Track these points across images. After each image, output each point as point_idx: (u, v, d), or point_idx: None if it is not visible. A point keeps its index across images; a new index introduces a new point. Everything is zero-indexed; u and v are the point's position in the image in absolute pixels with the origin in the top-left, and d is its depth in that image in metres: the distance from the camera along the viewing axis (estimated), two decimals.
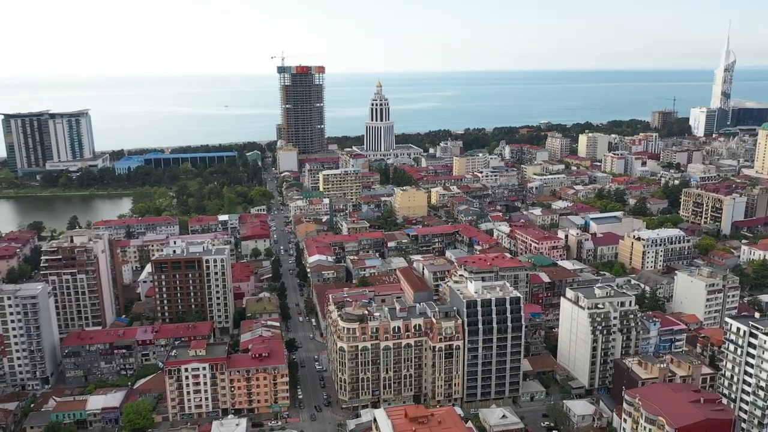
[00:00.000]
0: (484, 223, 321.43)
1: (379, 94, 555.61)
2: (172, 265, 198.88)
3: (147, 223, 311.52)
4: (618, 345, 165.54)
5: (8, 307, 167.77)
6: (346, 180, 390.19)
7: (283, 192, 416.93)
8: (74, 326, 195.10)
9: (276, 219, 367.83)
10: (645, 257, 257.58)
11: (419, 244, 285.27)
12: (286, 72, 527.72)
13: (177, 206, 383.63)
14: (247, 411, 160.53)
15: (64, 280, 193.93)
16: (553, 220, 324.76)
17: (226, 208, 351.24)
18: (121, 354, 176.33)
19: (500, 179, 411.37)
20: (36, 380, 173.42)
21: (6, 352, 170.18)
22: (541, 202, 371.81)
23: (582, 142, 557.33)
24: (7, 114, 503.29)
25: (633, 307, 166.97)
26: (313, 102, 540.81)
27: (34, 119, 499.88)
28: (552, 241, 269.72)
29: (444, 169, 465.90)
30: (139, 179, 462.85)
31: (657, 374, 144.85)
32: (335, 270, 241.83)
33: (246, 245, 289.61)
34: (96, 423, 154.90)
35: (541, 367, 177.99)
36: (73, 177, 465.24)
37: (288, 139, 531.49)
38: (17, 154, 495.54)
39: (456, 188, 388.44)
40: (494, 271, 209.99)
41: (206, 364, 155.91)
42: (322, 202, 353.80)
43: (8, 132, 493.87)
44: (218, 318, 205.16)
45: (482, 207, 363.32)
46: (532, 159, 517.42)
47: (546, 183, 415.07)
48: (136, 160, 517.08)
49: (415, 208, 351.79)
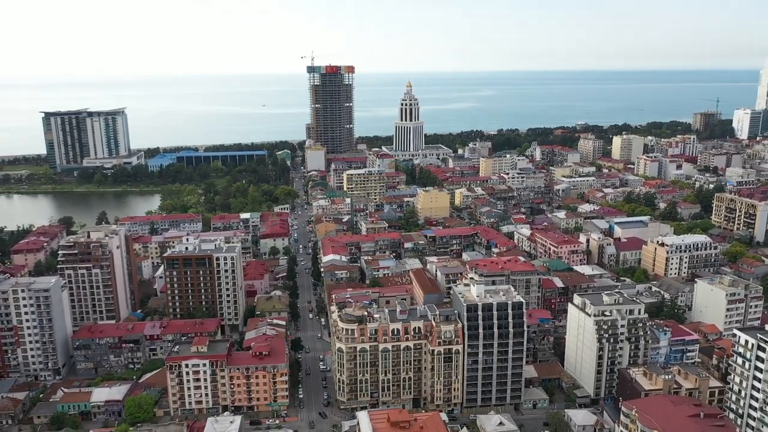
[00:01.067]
0: (506, 226, 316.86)
1: (408, 94, 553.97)
2: (183, 261, 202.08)
3: (171, 220, 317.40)
4: (625, 354, 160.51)
5: (22, 300, 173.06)
6: (369, 180, 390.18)
7: (308, 191, 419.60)
8: (89, 319, 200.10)
9: (299, 218, 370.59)
10: (668, 264, 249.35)
11: (437, 245, 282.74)
12: (316, 72, 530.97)
13: (204, 204, 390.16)
14: (247, 408, 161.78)
15: (79, 274, 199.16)
16: (577, 224, 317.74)
17: (249, 206, 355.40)
18: (128, 348, 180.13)
19: (527, 181, 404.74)
20: (48, 371, 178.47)
21: (20, 343, 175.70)
22: (567, 204, 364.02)
23: (616, 144, 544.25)
24: (47, 112, 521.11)
25: (642, 316, 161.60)
26: (343, 102, 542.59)
27: (73, 117, 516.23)
28: (572, 245, 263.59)
29: (471, 170, 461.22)
30: (170, 176, 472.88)
31: (661, 386, 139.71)
32: (348, 270, 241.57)
33: (264, 243, 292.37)
34: (100, 415, 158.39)
35: (547, 374, 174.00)
36: (108, 173, 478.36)
37: (317, 139, 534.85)
38: (56, 150, 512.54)
39: (480, 190, 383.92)
40: (505, 275, 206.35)
41: (206, 361, 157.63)
42: (344, 201, 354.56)
43: (48, 130, 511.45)
44: (228, 315, 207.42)
45: (506, 209, 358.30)
46: (563, 161, 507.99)
47: (574, 185, 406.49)
48: (169, 158, 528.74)
49: (438, 209, 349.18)
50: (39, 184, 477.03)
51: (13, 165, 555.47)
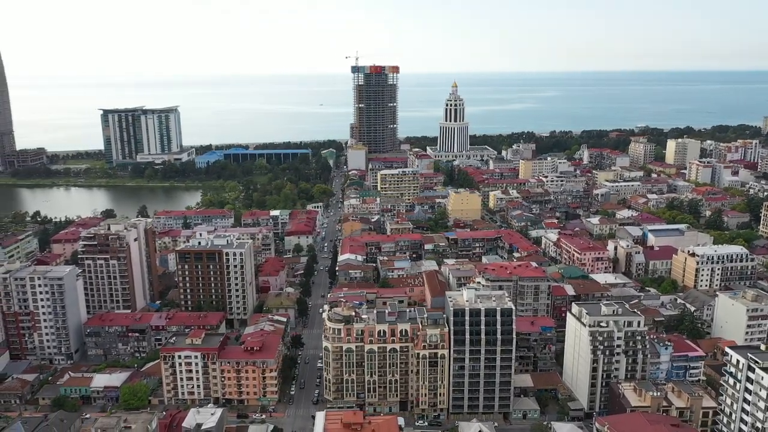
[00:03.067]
0: (535, 230, 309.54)
1: (454, 95, 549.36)
2: (194, 256, 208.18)
3: (203, 215, 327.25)
4: (622, 368, 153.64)
5: (38, 287, 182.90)
6: (403, 180, 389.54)
7: (344, 190, 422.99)
8: (106, 308, 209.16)
9: (331, 216, 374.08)
10: (698, 275, 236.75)
11: (458, 248, 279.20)
12: (360, 72, 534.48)
13: (242, 200, 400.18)
14: (238, 402, 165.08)
15: (97, 265, 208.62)
16: (611, 230, 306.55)
17: (281, 204, 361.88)
18: (135, 337, 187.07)
19: (566, 185, 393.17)
20: (62, 355, 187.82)
21: (36, 327, 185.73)
22: (605, 210, 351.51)
23: (670, 148, 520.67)
24: (105, 110, 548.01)
25: (641, 328, 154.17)
26: (386, 102, 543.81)
27: (129, 114, 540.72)
28: (596, 252, 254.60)
29: (511, 172, 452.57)
30: (215, 173, 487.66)
31: (649, 402, 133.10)
32: (363, 269, 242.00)
33: (289, 240, 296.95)
34: (99, 400, 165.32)
35: (543, 384, 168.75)
36: (158, 169, 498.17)
37: (359, 138, 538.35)
38: (113, 146, 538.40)
39: (515, 192, 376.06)
40: (513, 280, 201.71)
41: (198, 353, 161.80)
42: (375, 201, 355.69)
43: (106, 126, 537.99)
44: (237, 310, 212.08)
45: (541, 213, 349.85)
46: (611, 164, 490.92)
47: (616, 190, 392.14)
48: (217, 155, 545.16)
49: (468, 211, 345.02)
50: (95, 178, 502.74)
51: (75, 159, 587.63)
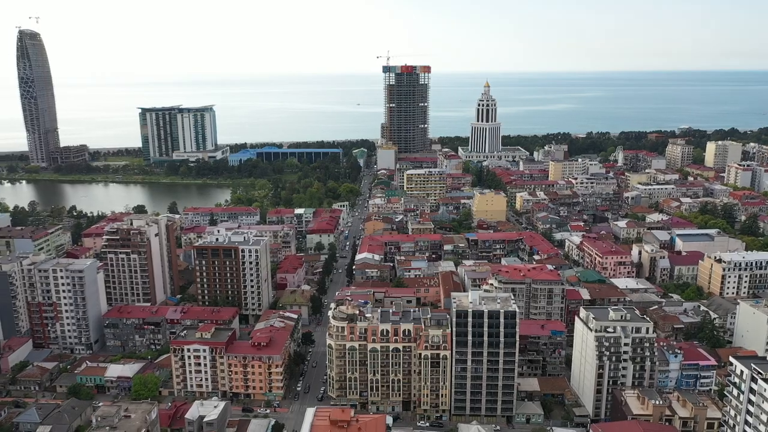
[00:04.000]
0: (560, 233, 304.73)
1: (486, 95, 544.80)
2: (211, 252, 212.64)
3: (230, 212, 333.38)
4: (629, 375, 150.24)
5: (60, 279, 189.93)
6: (429, 180, 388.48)
7: (371, 189, 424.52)
8: (127, 301, 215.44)
9: (357, 215, 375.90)
10: (724, 282, 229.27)
11: (478, 249, 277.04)
12: (391, 71, 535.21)
13: (271, 198, 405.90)
14: (244, 396, 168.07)
15: (119, 259, 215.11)
16: (639, 234, 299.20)
17: (307, 202, 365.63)
18: (150, 330, 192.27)
19: (596, 187, 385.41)
20: (82, 345, 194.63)
21: (58, 318, 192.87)
22: (634, 213, 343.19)
23: (709, 150, 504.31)
24: (143, 108, 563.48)
25: (650, 335, 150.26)
26: (417, 101, 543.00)
27: (166, 113, 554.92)
28: (619, 256, 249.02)
29: (541, 173, 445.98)
30: (247, 171, 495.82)
31: (651, 411, 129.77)
32: (379, 269, 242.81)
33: (311, 238, 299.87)
34: (112, 389, 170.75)
35: (550, 389, 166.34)
36: (192, 166, 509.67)
37: (390, 138, 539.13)
38: (150, 144, 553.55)
39: (543, 194, 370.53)
40: (526, 283, 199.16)
41: (207, 347, 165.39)
42: (400, 201, 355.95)
43: (144, 124, 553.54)
44: (252, 305, 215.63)
45: (568, 215, 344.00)
46: (647, 166, 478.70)
47: (648, 193, 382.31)
48: (250, 153, 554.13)
49: (493, 212, 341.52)
50: (132, 175, 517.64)
51: (115, 156, 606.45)
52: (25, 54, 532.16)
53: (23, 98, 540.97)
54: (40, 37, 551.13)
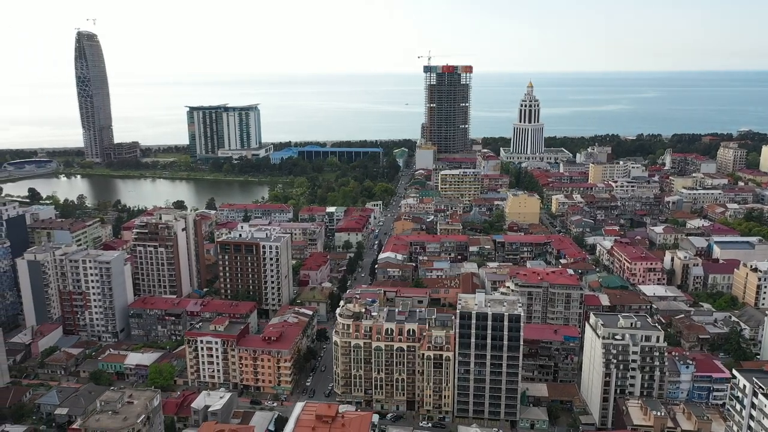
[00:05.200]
0: (592, 237, 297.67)
1: (529, 95, 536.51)
2: (234, 247, 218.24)
3: (263, 209, 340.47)
4: (637, 384, 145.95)
5: (89, 269, 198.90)
6: (464, 181, 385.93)
7: (407, 189, 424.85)
8: (154, 292, 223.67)
9: (390, 215, 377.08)
10: (760, 291, 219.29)
11: (505, 251, 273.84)
12: (432, 71, 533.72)
13: (307, 196, 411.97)
14: (255, 389, 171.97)
15: (148, 251, 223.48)
16: (676, 240, 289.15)
17: (340, 201, 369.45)
18: (171, 321, 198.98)
19: (637, 191, 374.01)
20: (108, 333, 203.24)
21: (87, 306, 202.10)
22: (675, 218, 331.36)
23: (765, 154, 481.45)
24: (191, 107, 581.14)
25: (660, 344, 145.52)
26: (458, 102, 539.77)
27: (213, 111, 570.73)
28: (648, 262, 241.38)
29: (581, 175, 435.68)
30: (287, 169, 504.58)
31: (652, 422, 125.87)
32: (402, 268, 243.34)
33: (339, 237, 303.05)
34: (131, 376, 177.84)
35: (559, 395, 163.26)
36: (235, 164, 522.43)
37: (429, 138, 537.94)
38: (197, 141, 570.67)
39: (579, 197, 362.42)
40: (543, 287, 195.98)
41: (219, 339, 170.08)
42: (432, 201, 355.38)
43: (191, 122, 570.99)
44: (272, 301, 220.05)
45: (605, 219, 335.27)
46: (695, 170, 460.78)
47: (693, 198, 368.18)
48: (292, 152, 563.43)
49: (527, 214, 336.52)
50: (177, 171, 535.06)
51: (165, 153, 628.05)
52: (83, 54, 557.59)
53: (80, 97, 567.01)
54: (97, 38, 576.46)
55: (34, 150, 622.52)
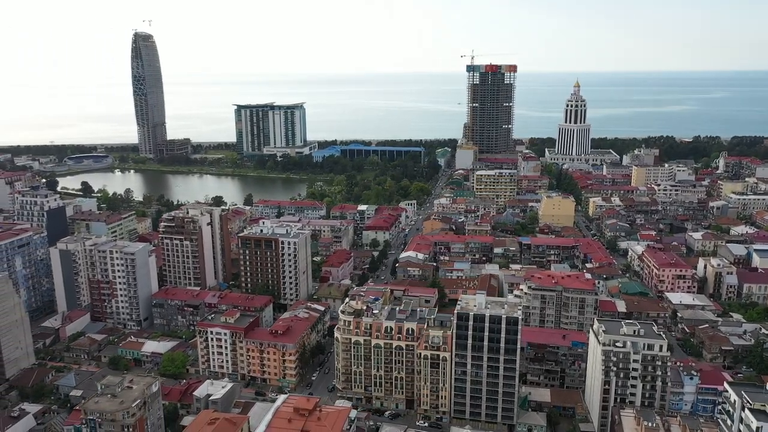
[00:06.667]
0: (626, 241, 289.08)
1: (575, 95, 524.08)
2: (254, 242, 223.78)
3: (297, 206, 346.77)
4: (638, 394, 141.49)
5: (116, 260, 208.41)
6: (499, 181, 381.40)
7: (443, 189, 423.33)
8: (179, 284, 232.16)
9: (423, 214, 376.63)
10: None
11: (531, 254, 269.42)
12: (475, 71, 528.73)
13: (344, 194, 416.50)
14: (261, 381, 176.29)
15: (174, 244, 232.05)
16: (716, 247, 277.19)
17: (374, 199, 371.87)
18: (190, 311, 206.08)
19: (680, 194, 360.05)
20: (132, 321, 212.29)
21: (114, 295, 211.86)
22: (718, 225, 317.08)
23: None
24: (239, 105, 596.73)
25: (663, 353, 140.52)
26: (501, 101, 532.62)
27: (259, 110, 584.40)
28: (677, 269, 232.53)
29: (624, 178, 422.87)
30: (328, 167, 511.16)
31: None
32: (422, 268, 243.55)
33: (366, 235, 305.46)
34: (147, 363, 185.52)
35: (562, 401, 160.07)
36: (278, 161, 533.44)
37: (471, 138, 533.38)
38: (244, 138, 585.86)
39: (618, 200, 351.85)
40: (556, 291, 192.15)
41: (228, 331, 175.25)
42: (465, 201, 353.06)
43: (239, 120, 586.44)
44: (290, 295, 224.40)
45: (644, 223, 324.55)
46: (750, 174, 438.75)
47: (742, 204, 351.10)
48: (334, 150, 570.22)
49: (560, 216, 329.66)
50: (224, 167, 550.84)
51: (215, 150, 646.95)
52: (139, 54, 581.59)
53: (135, 95, 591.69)
54: (153, 38, 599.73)
55: (94, 145, 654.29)
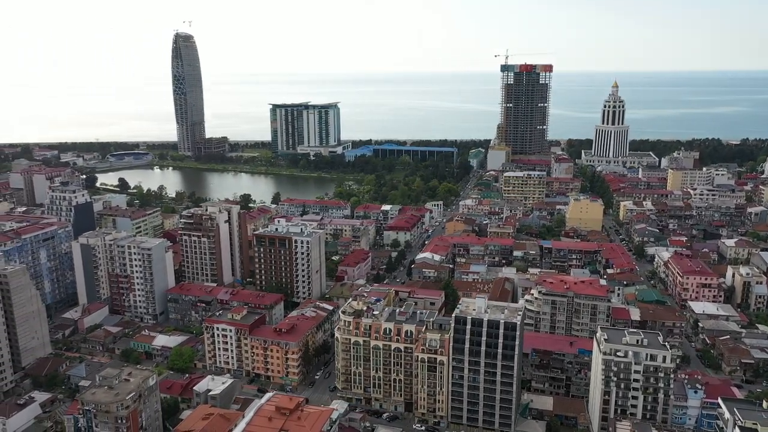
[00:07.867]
0: (654, 247, 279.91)
1: (613, 96, 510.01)
2: (268, 240, 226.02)
3: (321, 205, 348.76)
4: (639, 406, 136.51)
5: (134, 255, 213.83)
6: (528, 183, 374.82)
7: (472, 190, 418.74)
8: (197, 280, 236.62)
9: (449, 215, 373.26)
10: None
11: (552, 258, 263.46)
12: (509, 71, 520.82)
13: (372, 193, 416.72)
14: (265, 378, 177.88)
15: (192, 241, 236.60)
16: (750, 255, 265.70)
17: (399, 199, 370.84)
18: (202, 307, 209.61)
19: (717, 199, 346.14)
20: (149, 315, 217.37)
21: (131, 289, 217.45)
22: (755, 231, 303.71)
23: None
24: (274, 104, 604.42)
25: (666, 364, 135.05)
26: (536, 102, 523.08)
27: (294, 109, 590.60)
28: (702, 277, 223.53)
29: (660, 182, 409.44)
30: (360, 166, 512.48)
31: None
32: (437, 269, 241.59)
33: (387, 235, 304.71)
34: (157, 357, 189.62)
35: (564, 410, 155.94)
36: (311, 160, 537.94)
37: (504, 138, 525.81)
38: (279, 137, 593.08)
39: (650, 204, 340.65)
40: (567, 297, 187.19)
41: (233, 327, 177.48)
42: (490, 203, 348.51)
43: (274, 119, 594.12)
44: (303, 294, 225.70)
45: (676, 229, 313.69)
46: None
47: None
48: (367, 149, 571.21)
49: (588, 220, 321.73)
50: (258, 166, 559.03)
51: (251, 148, 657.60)
52: (179, 54, 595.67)
53: (175, 94, 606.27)
54: (193, 39, 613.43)
55: (136, 143, 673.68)
